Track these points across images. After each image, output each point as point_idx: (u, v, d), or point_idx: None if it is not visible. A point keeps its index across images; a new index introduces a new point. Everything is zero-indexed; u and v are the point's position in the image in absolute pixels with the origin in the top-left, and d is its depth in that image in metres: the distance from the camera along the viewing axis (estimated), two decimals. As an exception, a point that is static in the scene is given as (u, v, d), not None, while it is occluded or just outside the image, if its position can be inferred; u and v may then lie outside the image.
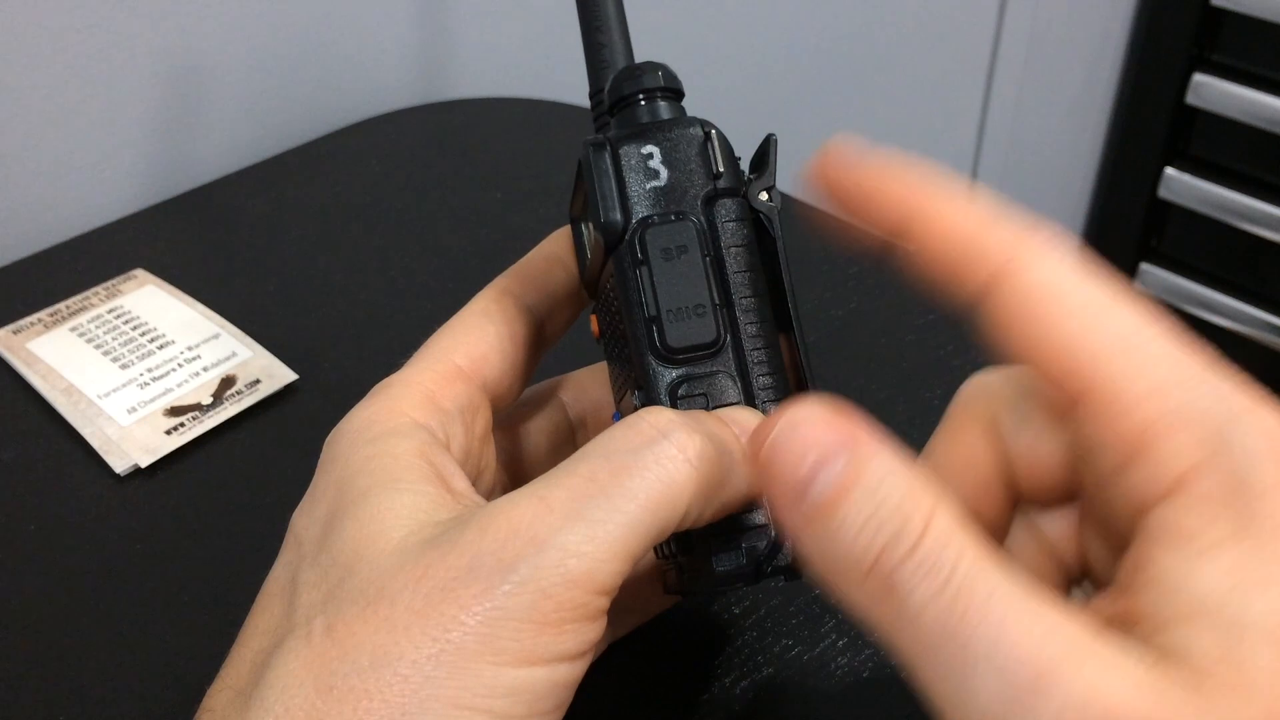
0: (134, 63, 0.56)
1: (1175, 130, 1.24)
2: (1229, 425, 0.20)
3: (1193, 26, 1.17)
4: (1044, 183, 1.31)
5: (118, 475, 0.41)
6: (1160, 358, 0.21)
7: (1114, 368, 0.21)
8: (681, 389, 0.26)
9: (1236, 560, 0.19)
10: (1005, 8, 1.08)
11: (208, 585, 0.37)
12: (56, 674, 0.34)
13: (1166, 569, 0.20)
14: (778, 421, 0.21)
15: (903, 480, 0.20)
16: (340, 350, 0.47)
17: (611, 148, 0.27)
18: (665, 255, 0.26)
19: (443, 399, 0.27)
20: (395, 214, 0.56)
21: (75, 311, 0.48)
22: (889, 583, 0.20)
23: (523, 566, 0.21)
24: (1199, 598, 0.19)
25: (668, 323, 0.26)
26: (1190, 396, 0.21)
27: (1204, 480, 0.20)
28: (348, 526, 0.24)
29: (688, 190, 0.27)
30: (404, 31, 0.67)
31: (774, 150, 0.28)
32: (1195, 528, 0.20)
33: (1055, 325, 0.22)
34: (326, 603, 0.23)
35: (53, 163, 0.56)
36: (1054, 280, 0.22)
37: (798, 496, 0.21)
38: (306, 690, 0.21)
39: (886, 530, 0.20)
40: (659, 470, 0.23)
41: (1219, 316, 1.27)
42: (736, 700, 0.33)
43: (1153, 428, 0.21)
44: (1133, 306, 0.22)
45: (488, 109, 0.67)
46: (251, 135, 0.62)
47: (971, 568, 0.19)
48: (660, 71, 0.29)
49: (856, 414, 0.21)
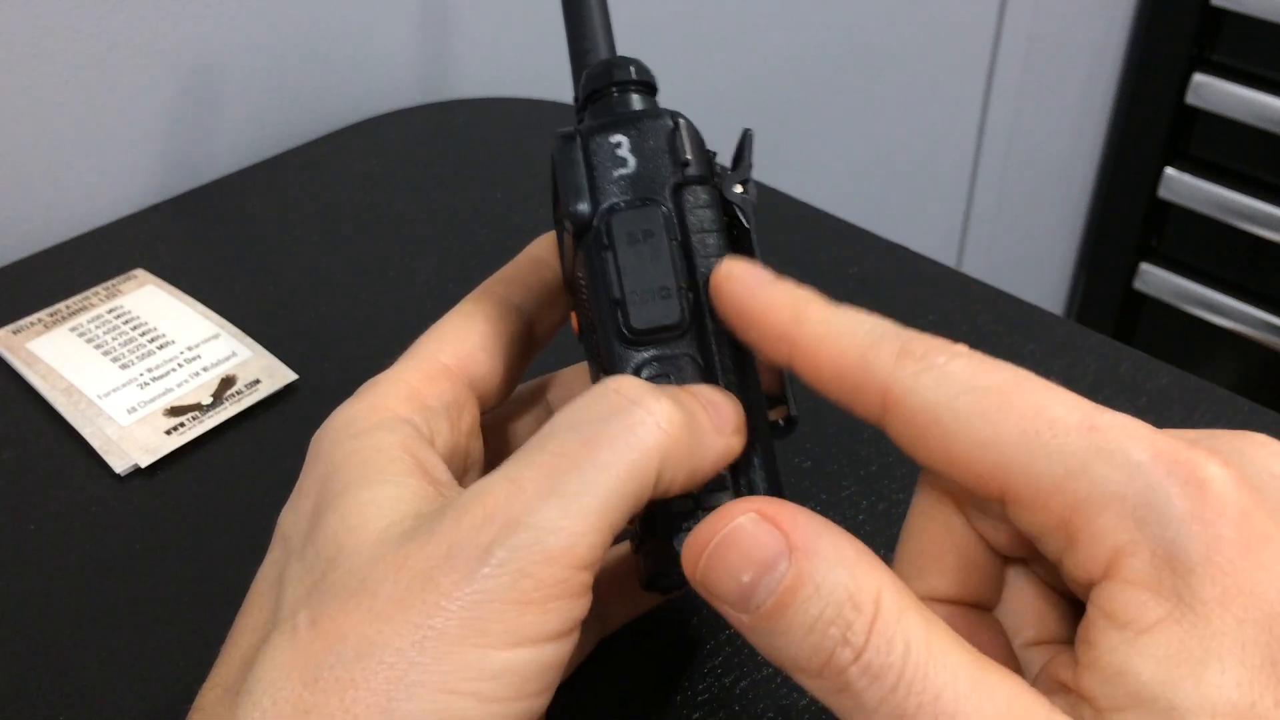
0: (134, 63, 0.56)
1: (1175, 130, 1.24)
2: (1147, 497, 0.20)
3: (1193, 26, 1.17)
4: (1044, 183, 1.31)
5: (118, 475, 0.41)
6: (1065, 438, 0.21)
7: (1019, 467, 0.21)
8: (645, 370, 0.26)
9: (1171, 643, 0.19)
10: (1005, 8, 1.08)
11: (208, 585, 0.37)
12: (56, 674, 0.34)
13: (1107, 651, 0.20)
14: (714, 530, 0.22)
15: (845, 575, 0.21)
16: (340, 350, 0.47)
17: (581, 138, 0.27)
18: (631, 240, 0.26)
19: (428, 396, 0.28)
20: (395, 214, 0.56)
21: (75, 311, 0.48)
22: (842, 682, 0.20)
23: (499, 549, 0.21)
24: (1136, 687, 0.19)
25: (632, 305, 0.26)
26: (1104, 471, 0.20)
27: (1132, 560, 0.20)
28: (330, 520, 0.24)
29: (656, 177, 0.27)
30: (404, 32, 0.67)
31: (749, 144, 0.29)
32: (1131, 612, 0.20)
33: (952, 441, 0.22)
34: (310, 596, 0.23)
35: (53, 163, 0.56)
36: (938, 396, 0.22)
37: (743, 606, 0.21)
38: (293, 683, 0.21)
39: (833, 633, 0.20)
40: (630, 438, 0.23)
41: (1219, 316, 1.27)
42: (736, 700, 0.33)
43: (1075, 515, 0.21)
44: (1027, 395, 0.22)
45: (488, 109, 0.67)
46: (252, 135, 0.62)
47: (920, 662, 0.20)
48: (632, 66, 0.29)
49: (789, 507, 0.22)
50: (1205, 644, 0.19)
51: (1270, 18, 1.12)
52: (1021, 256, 1.35)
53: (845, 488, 0.40)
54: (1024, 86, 1.15)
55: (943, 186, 1.18)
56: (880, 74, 1.00)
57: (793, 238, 0.54)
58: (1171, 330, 1.35)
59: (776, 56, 0.90)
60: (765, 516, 0.21)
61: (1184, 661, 0.19)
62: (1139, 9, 1.22)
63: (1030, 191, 1.28)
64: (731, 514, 0.22)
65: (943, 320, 0.48)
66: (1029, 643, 0.25)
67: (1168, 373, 0.45)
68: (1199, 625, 0.19)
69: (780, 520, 0.21)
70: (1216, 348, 1.30)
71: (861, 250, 0.53)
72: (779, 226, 0.55)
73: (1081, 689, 0.20)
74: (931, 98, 1.09)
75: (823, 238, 0.54)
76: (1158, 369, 0.45)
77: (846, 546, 0.21)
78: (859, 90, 0.99)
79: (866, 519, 0.39)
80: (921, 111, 1.09)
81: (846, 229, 0.55)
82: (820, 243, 0.54)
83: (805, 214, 0.56)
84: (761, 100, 0.91)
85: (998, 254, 1.28)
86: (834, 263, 0.52)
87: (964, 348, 0.23)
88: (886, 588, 0.21)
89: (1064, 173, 1.33)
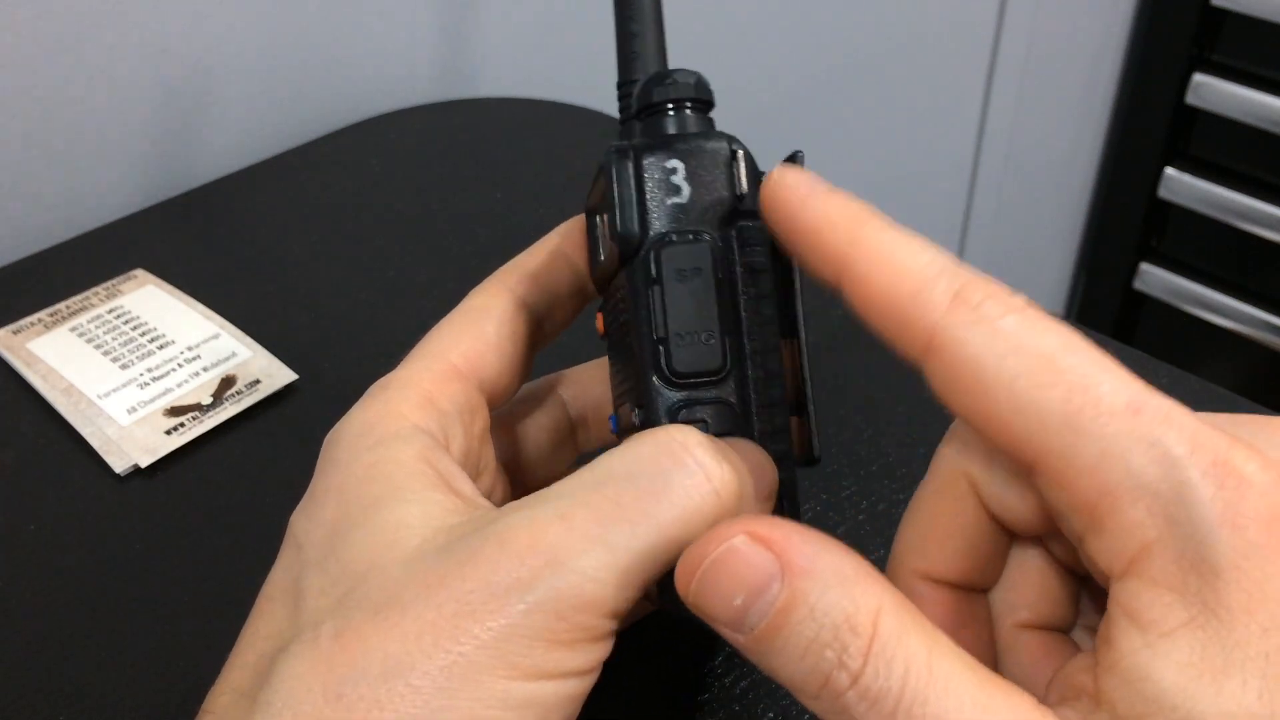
0: (134, 62, 0.56)
1: (1175, 130, 1.24)
2: (1180, 494, 0.19)
3: (1193, 26, 1.17)
4: (1044, 183, 1.31)
5: (118, 475, 0.41)
6: (1105, 423, 0.20)
7: (1056, 439, 0.21)
8: (682, 413, 0.26)
9: (1194, 649, 0.19)
10: (1005, 8, 1.08)
11: (208, 585, 0.37)
12: (56, 674, 0.34)
13: (1127, 653, 0.20)
14: (705, 552, 0.21)
15: (841, 596, 0.20)
16: (340, 350, 0.47)
17: (636, 157, 0.27)
18: (679, 276, 0.26)
19: (441, 400, 0.27)
20: (395, 214, 0.56)
21: (75, 311, 0.48)
22: (839, 705, 0.20)
23: (540, 586, 0.21)
24: (1155, 694, 0.19)
25: (675, 347, 0.26)
26: (1138, 465, 0.20)
27: (1159, 560, 0.20)
28: (357, 536, 0.24)
29: (708, 209, 0.27)
30: (404, 32, 0.67)
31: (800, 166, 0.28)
32: (1153, 614, 0.19)
33: (992, 400, 0.21)
34: (336, 609, 0.22)
35: (53, 163, 0.56)
36: (986, 351, 0.21)
37: (736, 628, 0.21)
38: (314, 696, 0.21)
39: (829, 656, 0.20)
40: (686, 500, 0.22)
41: (1219, 316, 1.27)
42: (736, 700, 0.33)
43: (1105, 500, 0.20)
44: (1077, 364, 0.21)
45: (488, 109, 0.67)
46: (252, 135, 0.62)
47: (919, 685, 0.19)
48: (693, 80, 0.28)
49: (784, 526, 0.21)
50: (1228, 652, 0.19)
51: (1270, 18, 1.12)
52: (1021, 256, 1.35)
53: (845, 488, 0.40)
54: (1024, 86, 1.15)
55: (943, 186, 1.18)
56: (880, 74, 1.00)
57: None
58: (1171, 330, 1.35)
59: (776, 57, 0.90)
60: (757, 538, 0.21)
61: (1205, 670, 0.19)
62: (1139, 9, 1.22)
63: (1030, 191, 1.28)
64: (723, 536, 0.21)
65: (943, 320, 0.48)
66: (1022, 624, 0.25)
67: (1168, 373, 0.44)
68: (1222, 633, 0.19)
69: (773, 541, 0.21)
70: (1216, 348, 1.30)
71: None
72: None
73: (1101, 692, 0.20)
74: (931, 98, 1.09)
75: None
76: (1158, 369, 0.45)
77: (845, 565, 0.21)
78: (859, 91, 0.99)
79: (866, 519, 0.39)
80: (921, 112, 1.09)
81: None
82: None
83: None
84: (761, 100, 0.91)
85: (998, 254, 1.28)
86: (834, 263, 0.52)
87: (1021, 300, 0.22)
88: (886, 608, 0.20)
89: (1064, 173, 1.33)
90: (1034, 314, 0.21)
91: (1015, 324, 0.21)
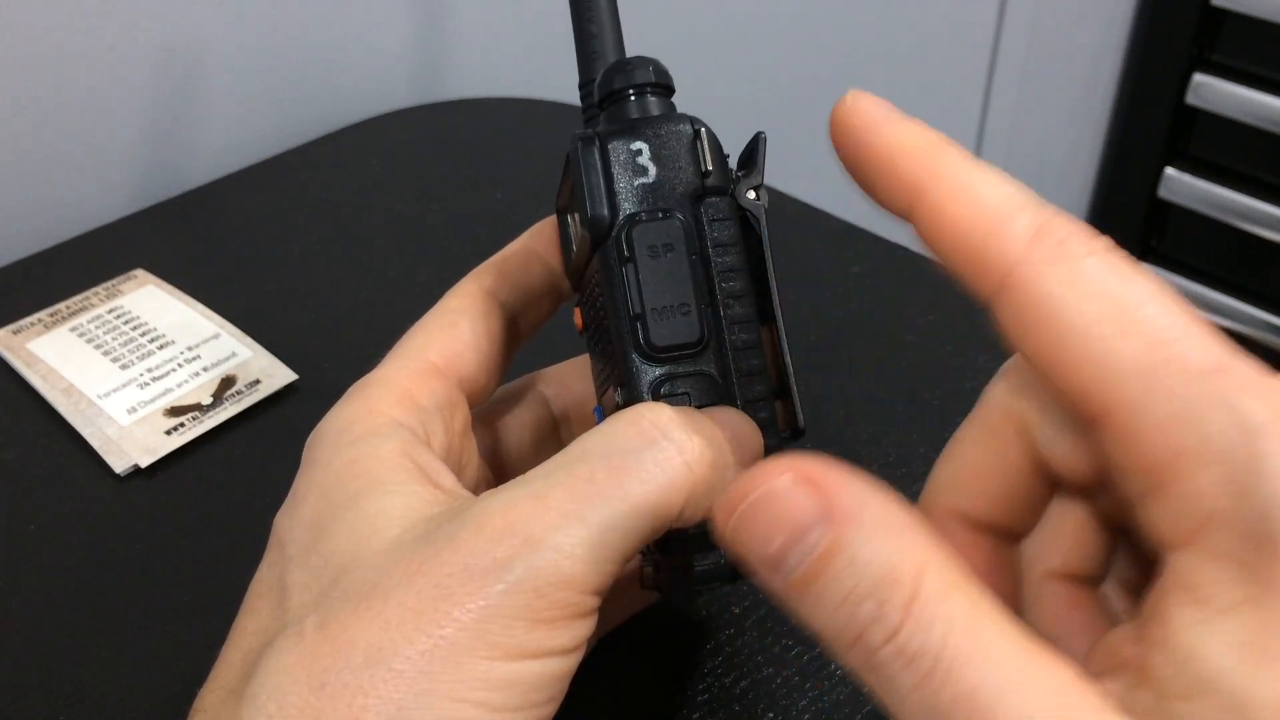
0: (134, 63, 0.56)
1: (1175, 130, 1.24)
2: (1254, 464, 0.18)
3: (1193, 26, 1.17)
4: (1044, 183, 1.30)
5: (118, 475, 0.41)
6: (1183, 381, 0.19)
7: (1129, 392, 0.19)
8: (664, 387, 0.26)
9: (1250, 629, 0.18)
10: (1005, 8, 1.08)
11: (208, 585, 0.37)
12: (56, 674, 0.34)
13: (1179, 629, 0.19)
14: (748, 490, 0.20)
15: (885, 547, 0.19)
16: (340, 350, 0.47)
17: (600, 143, 0.27)
18: (651, 253, 0.26)
19: (420, 396, 0.27)
20: (395, 214, 0.56)
21: (75, 311, 0.48)
22: (873, 662, 0.19)
23: (518, 565, 0.21)
24: (1206, 673, 0.18)
25: (652, 321, 0.26)
26: (1214, 429, 0.19)
27: (1223, 533, 0.18)
28: (338, 530, 0.24)
29: (675, 188, 0.27)
30: (403, 32, 0.67)
31: (763, 148, 0.28)
32: (1211, 589, 0.18)
33: (1066, 344, 0.20)
34: (319, 602, 0.23)
35: (53, 163, 0.56)
36: (1065, 292, 0.20)
37: (773, 571, 0.20)
38: (300, 687, 0.21)
39: (866, 609, 0.19)
40: (658, 475, 0.23)
41: (1219, 316, 1.27)
42: (736, 700, 0.33)
43: (1171, 464, 0.19)
44: (1159, 315, 0.20)
45: (487, 109, 0.67)
46: (251, 135, 0.62)
47: (959, 648, 0.18)
48: (651, 67, 0.29)
49: (834, 469, 0.20)
50: None
51: (1270, 18, 1.12)
52: (1021, 256, 1.35)
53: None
54: (1024, 86, 1.15)
55: (943, 186, 1.18)
56: (880, 74, 1.00)
57: (793, 238, 0.54)
58: (1171, 330, 1.35)
59: (776, 57, 0.90)
60: (804, 479, 0.20)
61: (1260, 651, 0.18)
62: (1139, 9, 1.22)
63: (1030, 191, 1.28)
64: (769, 474, 0.20)
65: (943, 320, 0.48)
66: (1051, 573, 0.24)
67: (1168, 373, 0.44)
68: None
69: (819, 483, 0.19)
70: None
71: (861, 250, 0.53)
72: (779, 227, 0.55)
73: (1147, 667, 0.19)
74: (931, 98, 1.09)
75: (823, 238, 0.54)
76: (1158, 369, 0.45)
77: (893, 514, 0.19)
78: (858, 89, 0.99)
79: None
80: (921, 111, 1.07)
81: (846, 229, 0.55)
82: (820, 243, 0.54)
83: (805, 214, 0.56)
84: (761, 100, 0.91)
85: (998, 254, 1.28)
86: (834, 263, 0.52)
87: (1106, 242, 0.21)
88: (932, 563, 0.19)
89: (1064, 173, 1.33)
90: (1118, 256, 0.20)
91: (1099, 266, 0.20)
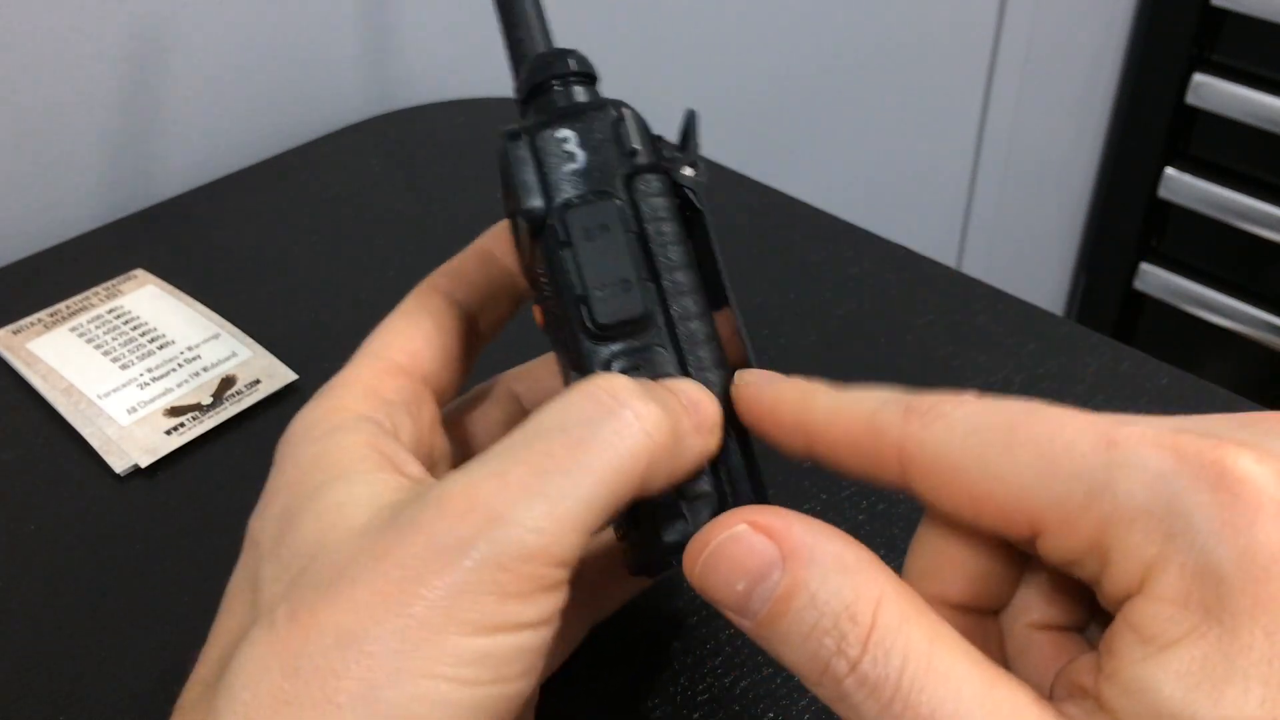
0: (134, 62, 0.56)
1: (1175, 130, 1.24)
2: (1175, 504, 0.19)
3: (1193, 26, 1.17)
4: (1044, 183, 1.31)
5: (118, 475, 0.41)
6: (1083, 459, 0.20)
7: (1042, 496, 0.21)
8: (615, 364, 0.26)
9: (1195, 659, 0.19)
10: (1005, 8, 1.08)
11: (208, 585, 0.37)
12: (56, 674, 0.34)
13: (1129, 663, 0.20)
14: (710, 538, 0.22)
15: (841, 584, 0.21)
16: (340, 350, 0.47)
17: (528, 135, 0.27)
18: (588, 235, 0.27)
19: (385, 391, 0.28)
20: (395, 214, 0.57)
21: (75, 311, 0.48)
22: (840, 692, 0.20)
23: (482, 543, 0.22)
24: (1155, 703, 0.19)
25: (595, 300, 0.26)
26: (1128, 487, 0.20)
27: (1161, 575, 0.19)
28: (305, 521, 0.24)
29: (606, 170, 0.27)
30: (404, 32, 0.67)
31: (695, 126, 0.29)
32: (1156, 627, 0.19)
33: (970, 486, 0.22)
34: (289, 592, 0.23)
35: (53, 163, 0.56)
36: (948, 445, 0.22)
37: (740, 613, 0.22)
38: (273, 675, 0.21)
39: (828, 643, 0.20)
40: (617, 442, 0.23)
41: (1219, 316, 1.27)
42: (736, 700, 0.33)
43: (1104, 536, 0.20)
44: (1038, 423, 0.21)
45: (487, 109, 0.67)
46: (252, 135, 0.62)
47: (918, 675, 0.20)
48: (571, 58, 0.29)
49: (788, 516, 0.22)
50: (1230, 659, 0.18)
51: (1270, 18, 1.12)
52: (1021, 256, 1.35)
53: (845, 487, 0.40)
54: (1024, 87, 1.15)
55: (943, 186, 1.18)
56: (880, 74, 1.00)
57: (793, 237, 0.54)
58: (1171, 330, 1.35)
59: (777, 57, 0.90)
60: (758, 527, 0.22)
61: (1205, 678, 0.19)
62: (1139, 9, 1.22)
63: (1030, 191, 1.28)
64: (726, 524, 0.22)
65: (943, 320, 0.48)
66: (1035, 625, 0.25)
67: (1168, 373, 0.45)
68: (1225, 639, 0.19)
69: (774, 529, 0.22)
70: (1216, 348, 1.30)
71: (861, 250, 0.53)
72: (779, 226, 0.55)
73: (1102, 699, 0.20)
74: (932, 98, 1.09)
75: (823, 238, 0.54)
76: (1157, 369, 0.45)
77: (847, 554, 0.21)
78: (859, 90, 0.99)
79: (866, 519, 0.39)
80: (922, 111, 1.09)
81: (846, 229, 0.55)
82: (820, 243, 0.54)
83: (805, 214, 0.56)
84: (762, 100, 0.91)
85: (998, 254, 1.28)
86: (834, 263, 0.52)
87: (971, 395, 0.23)
88: (888, 597, 0.21)
89: (1064, 173, 1.33)
90: (987, 398, 0.22)
91: (969, 409, 0.22)
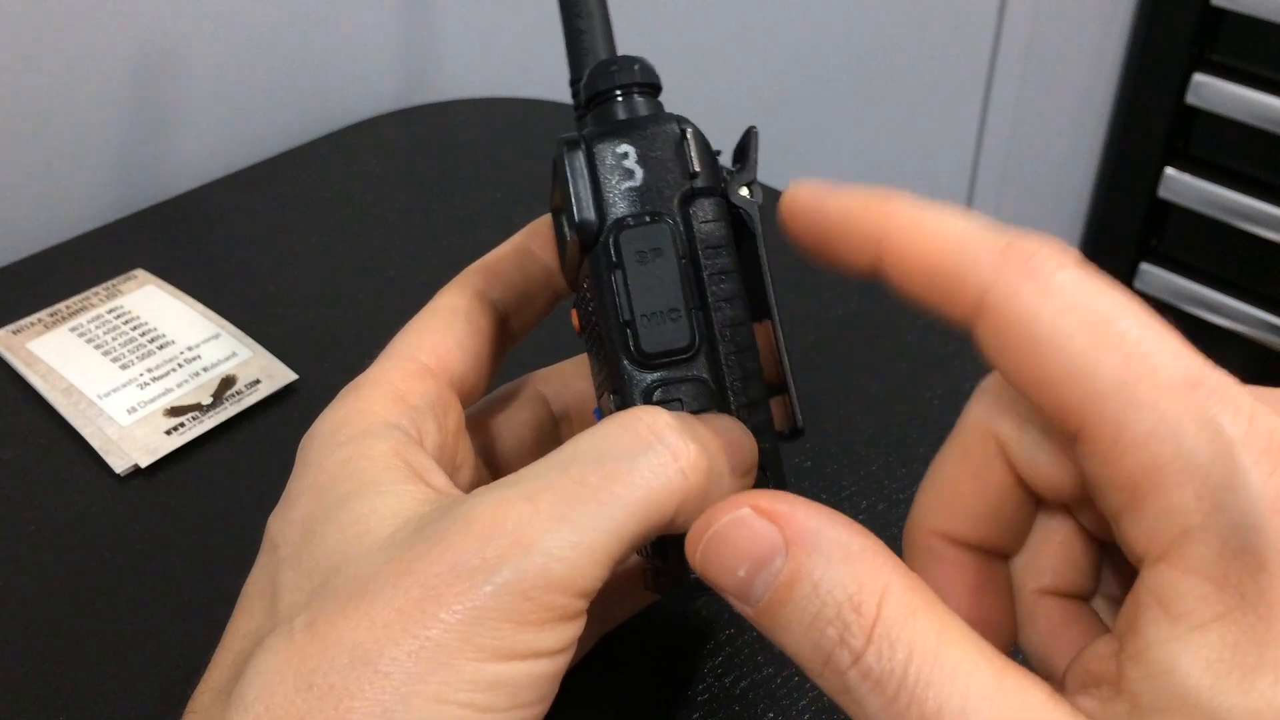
0: (134, 63, 0.56)
1: (1175, 130, 1.24)
2: (1230, 480, 0.18)
3: (1193, 26, 1.17)
4: (1044, 183, 1.30)
5: (118, 475, 0.41)
6: (1159, 395, 0.19)
7: (1106, 407, 0.19)
8: (657, 394, 0.26)
9: (1225, 645, 0.18)
10: (1005, 8, 1.08)
11: (208, 585, 0.37)
12: (56, 674, 0.34)
13: (1154, 643, 0.19)
14: (711, 521, 0.21)
15: (846, 573, 0.20)
16: (340, 350, 0.47)
17: (586, 146, 0.27)
18: (640, 258, 0.26)
19: (411, 396, 0.27)
20: (395, 214, 0.56)
21: (75, 311, 0.48)
22: (843, 684, 0.20)
23: (506, 568, 0.21)
24: (1182, 688, 0.18)
25: (642, 327, 0.26)
26: (1189, 445, 0.19)
27: (1199, 547, 0.19)
28: (330, 531, 0.24)
29: (663, 190, 0.27)
30: (403, 32, 0.67)
31: (755, 143, 0.28)
32: (1186, 604, 0.19)
33: (1043, 360, 0.20)
34: (309, 602, 0.23)
35: (53, 163, 0.56)
36: (1039, 309, 0.20)
37: (743, 599, 0.21)
38: (286, 688, 0.21)
39: (831, 634, 0.20)
40: (652, 480, 0.23)
41: (1219, 316, 1.27)
42: (736, 700, 0.33)
43: (1149, 477, 0.19)
44: (1133, 329, 0.20)
45: (487, 109, 0.67)
46: (251, 135, 0.62)
47: (924, 669, 0.19)
48: (637, 66, 0.28)
49: (791, 501, 0.21)
50: (1262, 649, 0.18)
51: (1270, 18, 1.12)
52: (1021, 256, 1.35)
53: (845, 488, 0.40)
54: (1024, 87, 1.15)
55: (943, 187, 1.18)
56: (880, 74, 1.00)
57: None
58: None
59: (776, 56, 0.90)
60: (761, 511, 0.21)
61: (1235, 667, 0.18)
62: (1139, 9, 1.22)
63: (1030, 192, 1.28)
64: (730, 507, 0.21)
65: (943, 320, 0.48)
66: (1043, 590, 0.24)
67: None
68: (1258, 628, 0.18)
69: (777, 514, 0.21)
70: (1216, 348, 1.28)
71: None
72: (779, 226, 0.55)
73: (1124, 681, 0.19)
74: (931, 98, 1.09)
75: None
76: (1158, 369, 0.45)
77: (852, 541, 0.20)
78: (859, 90, 0.99)
79: (866, 519, 0.39)
80: (921, 112, 1.09)
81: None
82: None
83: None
84: (762, 100, 0.91)
85: (998, 254, 1.28)
86: (834, 263, 0.52)
87: (1075, 256, 0.21)
88: (894, 587, 0.20)
89: (1064, 172, 1.33)
90: (1088, 271, 0.20)
91: (1070, 281, 0.20)
